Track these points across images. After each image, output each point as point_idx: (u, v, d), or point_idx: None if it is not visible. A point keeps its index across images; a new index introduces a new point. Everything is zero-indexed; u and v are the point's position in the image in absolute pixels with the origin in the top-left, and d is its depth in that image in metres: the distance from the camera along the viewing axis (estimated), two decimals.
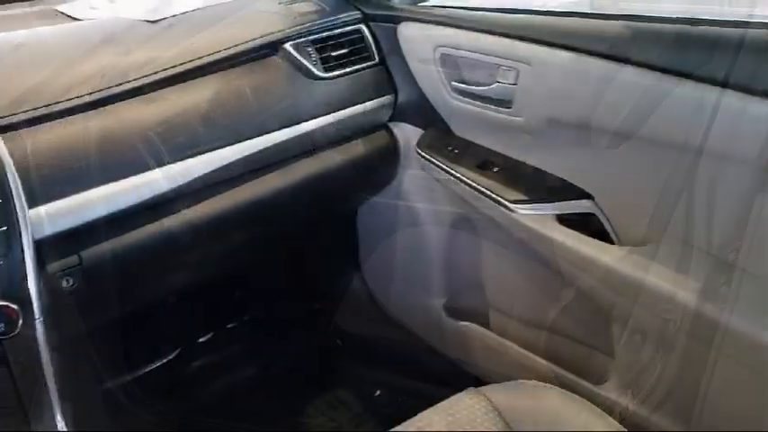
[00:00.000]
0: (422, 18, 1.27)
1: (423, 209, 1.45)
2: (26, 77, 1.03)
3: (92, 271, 1.01)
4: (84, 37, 1.18)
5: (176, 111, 1.09)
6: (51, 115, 0.99)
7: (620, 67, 0.96)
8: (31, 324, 0.91)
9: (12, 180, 0.89)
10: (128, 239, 1.04)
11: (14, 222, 0.88)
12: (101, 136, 1.01)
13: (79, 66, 1.07)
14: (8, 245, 0.87)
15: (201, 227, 1.13)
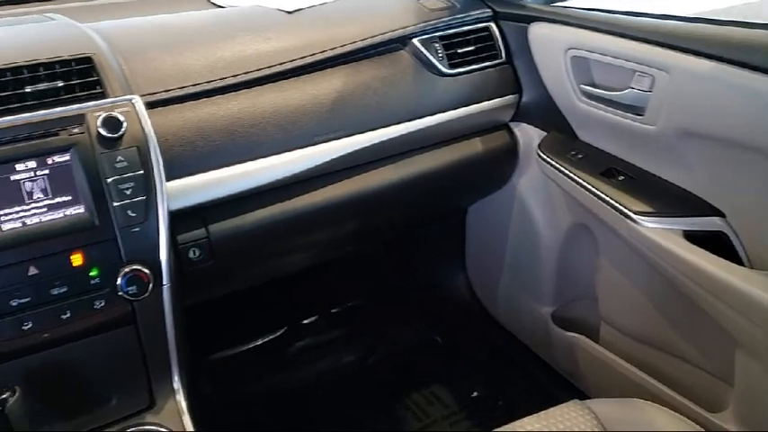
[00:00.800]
0: (554, 18, 1.24)
1: (538, 212, 1.43)
2: (174, 58, 1.10)
3: (217, 245, 1.06)
4: (227, 23, 1.24)
5: (307, 99, 1.13)
6: (194, 95, 1.06)
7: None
8: (159, 289, 0.97)
9: (154, 153, 0.95)
10: (252, 218, 1.10)
11: (153, 193, 0.94)
12: (237, 118, 1.06)
13: (221, 50, 1.13)
14: (146, 214, 0.94)
15: (319, 212, 1.17)
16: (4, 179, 0.88)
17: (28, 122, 0.91)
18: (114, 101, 0.96)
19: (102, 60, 1.01)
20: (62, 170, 0.91)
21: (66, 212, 0.91)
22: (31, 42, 1.06)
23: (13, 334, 0.89)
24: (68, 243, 0.91)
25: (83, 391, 0.99)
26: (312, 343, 1.80)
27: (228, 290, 1.29)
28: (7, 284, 0.88)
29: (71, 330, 0.93)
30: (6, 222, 0.88)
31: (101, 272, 0.92)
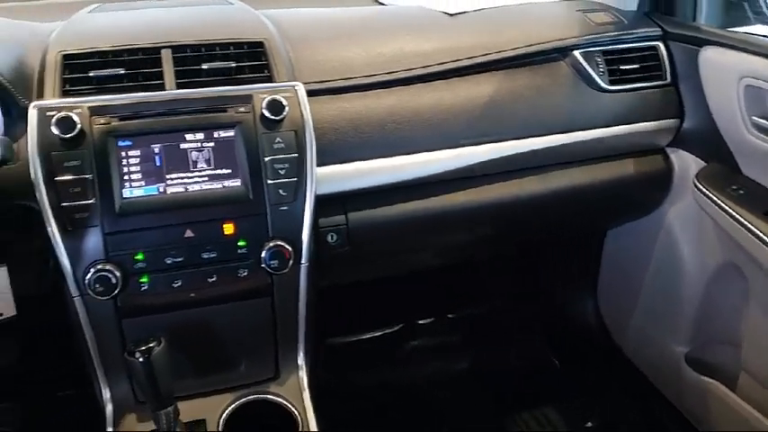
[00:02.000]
0: (729, 43, 1.17)
1: (685, 246, 1.35)
2: (337, 51, 1.15)
3: (354, 232, 1.10)
4: (390, 21, 1.28)
5: (459, 101, 1.14)
6: (352, 87, 1.10)
7: None
8: (298, 266, 1.02)
9: (309, 139, 1.00)
10: (391, 211, 1.13)
11: (304, 176, 0.99)
12: (389, 114, 1.09)
13: (382, 47, 1.16)
14: (295, 194, 0.99)
15: (456, 214, 1.18)
16: (175, 147, 0.96)
17: (202, 97, 0.98)
18: (280, 86, 1.02)
19: (273, 46, 1.07)
20: (225, 145, 0.98)
21: (225, 184, 0.97)
22: (210, 23, 1.14)
23: (165, 289, 0.97)
24: (223, 212, 0.97)
25: (217, 352, 1.06)
26: (426, 344, 1.81)
27: (357, 277, 1.33)
28: (165, 243, 0.96)
29: (214, 293, 1.00)
30: (172, 186, 0.96)
31: (248, 243, 0.98)
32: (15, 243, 0.95)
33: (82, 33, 1.09)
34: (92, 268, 0.92)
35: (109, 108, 0.96)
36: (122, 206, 0.93)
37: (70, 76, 0.99)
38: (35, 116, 0.93)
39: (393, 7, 1.39)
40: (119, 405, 1.03)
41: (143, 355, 0.86)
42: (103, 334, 0.98)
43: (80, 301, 0.96)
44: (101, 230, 0.93)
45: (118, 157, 0.94)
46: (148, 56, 1.03)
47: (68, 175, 0.91)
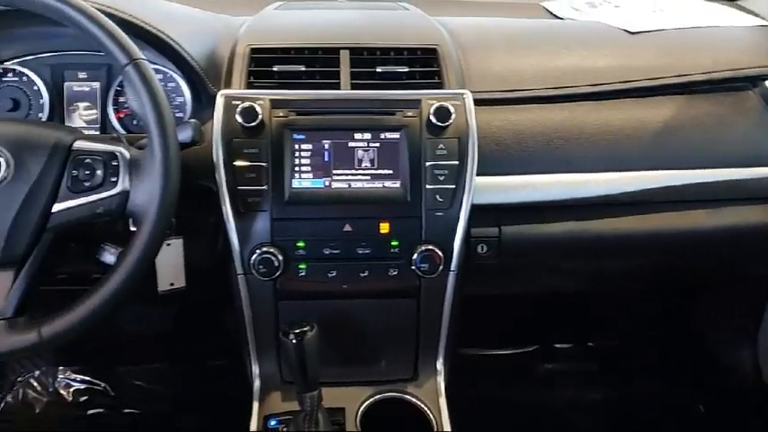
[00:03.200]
0: None
1: None
2: (508, 61, 1.14)
3: (505, 246, 1.09)
4: (565, 35, 1.25)
5: (631, 123, 1.09)
6: (521, 100, 1.09)
7: None
8: (447, 272, 1.03)
9: (471, 148, 1.00)
10: (545, 230, 1.10)
11: (462, 184, 1.00)
12: (555, 130, 1.07)
13: (555, 60, 1.14)
14: (451, 201, 1.00)
15: (616, 240, 1.13)
16: (343, 144, 1.00)
17: (374, 99, 1.02)
18: (448, 93, 1.03)
19: (445, 53, 1.09)
20: (390, 146, 1.01)
21: (385, 184, 1.00)
22: (387, 27, 1.18)
23: (320, 278, 1.02)
24: (380, 212, 1.00)
25: (361, 345, 1.10)
26: (562, 368, 1.76)
27: (499, 291, 1.31)
28: (325, 234, 1.00)
29: (364, 288, 1.04)
30: (337, 181, 1.00)
31: (401, 244, 1.01)
32: (191, 219, 1.03)
33: (268, 29, 1.17)
34: (257, 250, 0.99)
35: (288, 102, 1.02)
36: (291, 195, 0.99)
37: (255, 68, 1.07)
38: (222, 104, 1.01)
39: (568, 21, 1.36)
40: (266, 382, 1.09)
41: (296, 338, 0.91)
42: (260, 313, 1.05)
43: (243, 280, 1.03)
44: (269, 216, 0.99)
45: (291, 149, 1.00)
46: (328, 55, 1.08)
47: (246, 161, 0.98)
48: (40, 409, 1.64)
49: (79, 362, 1.70)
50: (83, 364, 1.70)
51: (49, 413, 1.63)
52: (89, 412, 1.63)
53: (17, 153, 0.80)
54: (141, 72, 0.81)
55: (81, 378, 1.69)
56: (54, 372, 1.69)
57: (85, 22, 0.80)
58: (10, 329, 0.79)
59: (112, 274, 0.81)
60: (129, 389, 1.67)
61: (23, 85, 1.14)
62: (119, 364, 1.70)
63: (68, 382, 1.68)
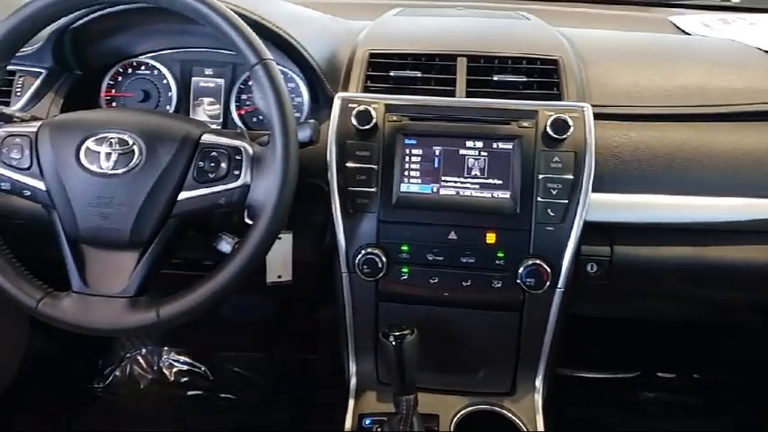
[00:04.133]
0: None
1: None
2: (632, 76, 1.10)
3: (617, 267, 1.05)
4: (694, 51, 1.19)
5: (762, 146, 1.02)
6: (643, 116, 1.05)
7: None
8: (553, 289, 1.00)
9: (588, 163, 0.97)
10: (661, 253, 1.05)
11: (576, 200, 0.97)
12: (678, 150, 1.02)
13: (683, 78, 1.09)
14: (563, 217, 0.98)
15: (737, 270, 1.06)
16: (454, 151, 1.00)
17: (489, 108, 1.01)
18: (567, 105, 1.01)
19: (567, 65, 1.07)
20: (502, 156, 0.99)
21: (494, 194, 0.99)
22: (506, 36, 1.17)
23: (422, 283, 1.02)
24: (488, 221, 0.99)
25: (459, 354, 1.09)
26: (664, 399, 1.67)
27: (603, 313, 1.27)
28: (430, 240, 1.00)
29: (466, 297, 1.03)
30: (445, 188, 1.00)
31: (507, 256, 0.99)
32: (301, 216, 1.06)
33: (387, 35, 1.18)
34: (362, 250, 1.00)
35: (402, 107, 1.03)
36: (399, 199, 1.00)
37: (372, 73, 1.09)
38: (338, 106, 1.03)
39: (697, 38, 1.30)
40: (362, 381, 1.11)
41: (396, 340, 0.91)
42: (361, 312, 1.06)
43: (347, 278, 1.04)
44: (376, 217, 1.00)
45: (402, 154, 1.01)
46: (444, 62, 1.09)
47: (358, 163, 1.00)
48: (144, 385, 1.73)
49: (183, 344, 1.78)
50: (186, 347, 1.78)
51: (152, 390, 1.72)
52: (188, 393, 1.70)
53: (150, 142, 0.85)
54: (269, 72, 0.84)
55: (183, 360, 1.77)
56: (159, 351, 1.79)
57: (221, 21, 0.84)
58: (131, 308, 0.84)
59: (229, 263, 0.84)
60: (227, 375, 1.74)
61: (154, 78, 1.21)
62: (219, 350, 1.77)
63: (171, 362, 1.77)
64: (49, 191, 0.86)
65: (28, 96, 1.15)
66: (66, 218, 0.86)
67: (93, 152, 0.85)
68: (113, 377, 1.75)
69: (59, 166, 0.85)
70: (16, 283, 0.87)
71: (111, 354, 1.79)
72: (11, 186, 0.87)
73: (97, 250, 0.87)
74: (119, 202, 0.84)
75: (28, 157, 0.86)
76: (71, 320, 0.85)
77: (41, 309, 0.85)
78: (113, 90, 1.22)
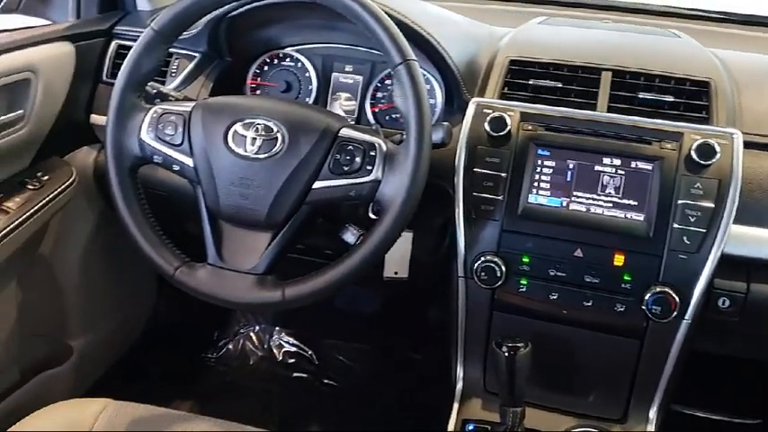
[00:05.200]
0: None
1: None
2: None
3: (751, 305, 0.98)
4: None
5: None
6: None
7: None
8: (679, 320, 0.96)
9: (732, 192, 0.92)
10: None
11: (715, 230, 0.92)
12: None
13: None
14: (699, 246, 0.93)
15: None
16: (589, 167, 0.98)
17: (632, 125, 0.98)
18: (715, 130, 0.96)
19: (719, 88, 1.01)
20: (639, 177, 0.96)
21: (627, 215, 0.96)
22: (655, 54, 1.12)
23: (540, 297, 1.00)
24: (617, 242, 0.96)
25: (570, 374, 1.07)
26: None
27: (735, 353, 1.19)
28: (553, 255, 0.98)
29: (585, 318, 1.00)
30: (575, 203, 0.97)
31: (634, 280, 0.95)
32: (423, 216, 1.07)
33: (529, 43, 1.17)
34: (482, 257, 1.00)
35: (539, 116, 1.01)
36: (525, 209, 0.98)
37: (511, 80, 1.08)
38: (473, 111, 1.03)
39: None
40: (468, 386, 1.10)
41: (509, 351, 0.90)
42: (474, 318, 1.06)
43: (463, 283, 1.04)
44: (500, 225, 0.99)
45: (533, 164, 0.99)
46: (587, 75, 1.06)
47: (486, 169, 1.00)
48: (254, 361, 1.81)
49: (293, 326, 1.85)
50: (296, 329, 1.85)
51: (260, 366, 1.80)
52: (293, 374, 1.77)
53: (293, 131, 0.89)
54: (411, 73, 0.85)
55: (292, 342, 1.84)
56: (271, 331, 1.86)
57: (370, 19, 0.86)
58: (259, 285, 0.89)
59: (353, 254, 0.86)
60: (331, 362, 1.79)
61: (298, 70, 1.26)
62: (326, 337, 1.83)
63: (281, 342, 1.84)
64: (196, 167, 0.92)
65: (182, 77, 1.23)
66: (209, 194, 0.91)
67: (241, 136, 0.90)
68: (226, 350, 1.84)
69: (208, 146, 0.91)
70: (158, 250, 0.93)
71: (226, 328, 1.88)
72: (162, 160, 0.93)
73: (234, 227, 0.92)
74: (258, 184, 0.89)
75: (180, 135, 0.92)
76: (204, 290, 0.90)
77: (178, 276, 0.91)
78: (258, 79, 1.28)
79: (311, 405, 1.68)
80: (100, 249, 1.45)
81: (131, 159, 0.94)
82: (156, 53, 0.95)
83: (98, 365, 1.55)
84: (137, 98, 0.95)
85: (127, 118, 0.94)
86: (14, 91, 1.13)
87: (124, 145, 0.94)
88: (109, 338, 1.57)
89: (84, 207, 1.37)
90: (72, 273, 1.40)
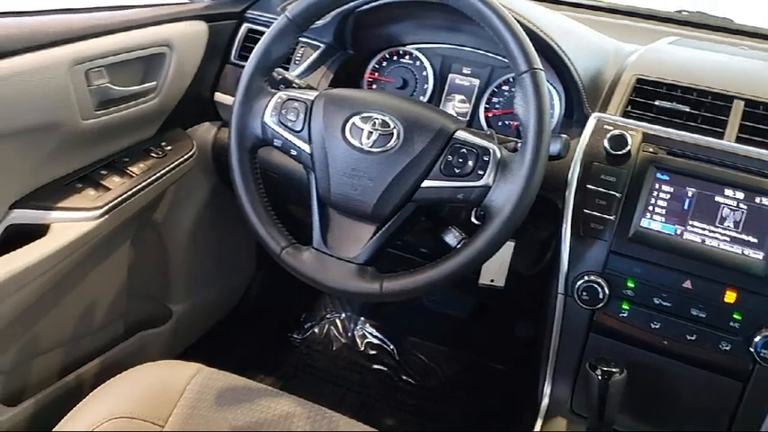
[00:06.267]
0: None
1: None
2: None
3: None
4: None
5: None
6: None
7: None
8: None
9: None
10: None
11: None
12: None
13: None
14: None
15: None
16: (709, 197, 0.93)
17: (759, 158, 0.93)
18: None
19: None
20: (762, 213, 0.91)
21: (745, 252, 0.91)
22: None
23: (641, 325, 0.97)
24: (730, 278, 0.91)
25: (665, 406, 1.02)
26: None
27: None
28: (660, 284, 0.95)
29: (686, 352, 0.96)
30: (690, 233, 0.94)
31: (744, 320, 0.91)
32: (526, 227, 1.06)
33: (658, 62, 1.13)
34: (585, 276, 0.97)
35: (662, 139, 0.98)
36: (636, 233, 0.95)
37: (635, 99, 1.05)
38: (593, 126, 1.01)
39: None
40: (554, 404, 1.08)
41: (603, 376, 0.88)
42: (568, 337, 1.04)
43: (561, 300, 1.02)
44: (607, 246, 0.97)
45: (650, 187, 0.96)
46: (718, 101, 1.01)
47: (600, 187, 0.97)
48: (336, 347, 1.85)
49: (378, 319, 1.87)
50: (380, 322, 1.87)
51: (342, 353, 1.83)
52: (373, 366, 1.79)
53: (409, 128, 0.90)
54: (536, 82, 0.84)
55: (375, 334, 1.86)
56: (356, 320, 1.89)
57: (499, 24, 0.86)
58: (359, 274, 0.90)
59: (454, 257, 0.86)
60: (413, 359, 1.80)
61: (415, 68, 1.27)
62: (410, 334, 1.84)
63: (365, 333, 1.87)
64: (312, 154, 0.94)
65: (305, 65, 1.27)
66: (321, 181, 0.94)
67: (358, 128, 0.92)
68: (311, 333, 1.88)
69: (326, 135, 0.93)
70: (268, 229, 0.96)
71: (313, 311, 1.93)
72: (282, 144, 0.96)
73: (340, 216, 0.94)
74: (369, 177, 0.90)
75: (301, 122, 0.95)
76: (307, 273, 0.92)
77: (284, 256, 0.94)
78: (376, 73, 1.31)
79: (387, 398, 1.69)
80: (207, 221, 1.52)
81: (252, 140, 0.98)
82: (287, 41, 0.99)
83: (193, 331, 1.63)
84: (264, 82, 0.99)
85: (253, 100, 0.98)
86: (150, 63, 1.20)
87: (248, 126, 0.98)
88: (205, 306, 1.64)
89: (198, 179, 1.44)
90: (180, 241, 1.48)
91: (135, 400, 0.96)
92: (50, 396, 1.19)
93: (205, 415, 0.96)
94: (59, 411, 0.94)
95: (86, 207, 1.09)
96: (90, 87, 1.07)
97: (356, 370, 1.77)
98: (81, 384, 1.27)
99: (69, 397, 1.21)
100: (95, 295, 1.28)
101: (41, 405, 1.17)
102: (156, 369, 1.04)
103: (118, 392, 0.98)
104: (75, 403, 0.95)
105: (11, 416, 1.11)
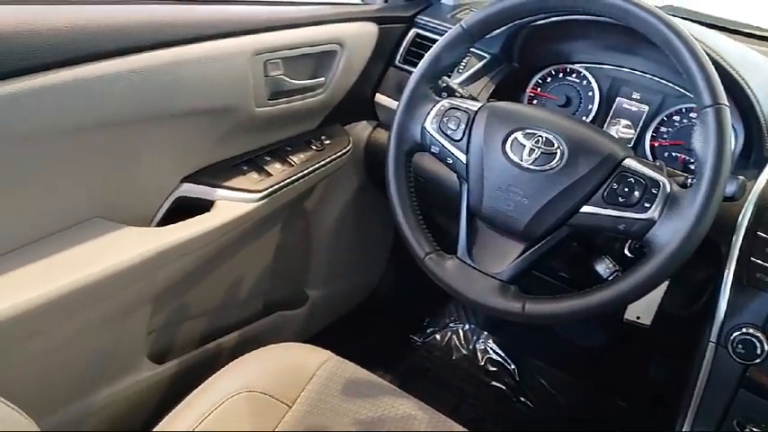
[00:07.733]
0: None
1: None
2: None
3: None
4: None
5: None
6: None
7: None
8: None
9: None
10: None
11: None
12: None
13: None
14: None
15: None
16: None
17: None
18: None
19: None
20: None
21: None
22: None
23: None
24: None
25: None
26: None
27: None
28: None
29: None
30: None
31: None
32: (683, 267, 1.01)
33: None
34: (743, 328, 0.91)
35: None
36: None
37: None
38: None
39: None
40: None
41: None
42: (714, 390, 0.97)
43: (712, 349, 0.95)
44: None
45: None
46: None
47: None
48: (456, 357, 1.84)
49: (502, 335, 1.84)
50: (504, 339, 1.84)
51: (460, 365, 1.82)
52: (492, 383, 1.76)
53: (574, 150, 0.88)
54: (720, 118, 0.79)
55: (497, 351, 1.83)
56: (479, 333, 1.88)
57: (687, 54, 0.81)
58: (501, 291, 0.89)
59: (605, 289, 0.83)
60: (533, 383, 1.75)
61: (581, 87, 1.24)
62: (533, 356, 1.79)
63: (487, 348, 1.85)
64: (468, 165, 0.94)
65: (468, 74, 1.27)
66: (474, 192, 0.93)
67: (520, 144, 0.90)
68: (433, 338, 1.89)
69: (485, 147, 0.92)
70: (414, 233, 0.98)
71: (437, 317, 1.93)
72: (439, 151, 0.97)
73: (489, 229, 0.94)
74: (525, 194, 0.89)
75: (462, 131, 0.95)
76: (449, 282, 0.93)
77: (427, 262, 0.95)
78: (539, 89, 1.28)
79: (501, 416, 1.67)
80: (351, 216, 1.56)
81: (410, 144, 1.00)
82: (458, 50, 0.99)
83: (324, 318, 1.69)
84: (429, 89, 1.00)
85: (416, 106, 0.99)
86: (321, 59, 1.25)
87: (408, 129, 0.99)
88: (338, 296, 1.70)
89: (348, 175, 1.49)
90: (324, 230, 1.53)
91: (268, 376, 1.00)
92: (191, 360, 1.28)
93: (331, 402, 0.99)
94: (198, 376, 1.00)
95: (249, 189, 1.15)
96: (266, 77, 1.13)
97: (473, 383, 1.76)
98: (220, 353, 1.35)
99: (208, 363, 1.29)
100: (243, 272, 1.36)
101: (183, 367, 1.26)
102: (290, 350, 1.09)
103: (253, 367, 1.03)
104: (212, 370, 1.02)
105: (156, 373, 1.20)
